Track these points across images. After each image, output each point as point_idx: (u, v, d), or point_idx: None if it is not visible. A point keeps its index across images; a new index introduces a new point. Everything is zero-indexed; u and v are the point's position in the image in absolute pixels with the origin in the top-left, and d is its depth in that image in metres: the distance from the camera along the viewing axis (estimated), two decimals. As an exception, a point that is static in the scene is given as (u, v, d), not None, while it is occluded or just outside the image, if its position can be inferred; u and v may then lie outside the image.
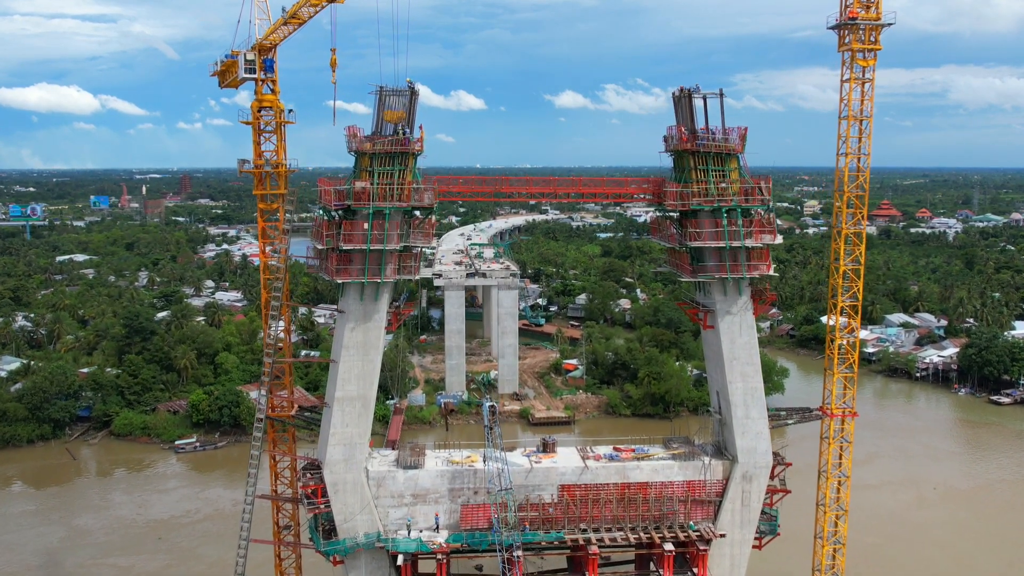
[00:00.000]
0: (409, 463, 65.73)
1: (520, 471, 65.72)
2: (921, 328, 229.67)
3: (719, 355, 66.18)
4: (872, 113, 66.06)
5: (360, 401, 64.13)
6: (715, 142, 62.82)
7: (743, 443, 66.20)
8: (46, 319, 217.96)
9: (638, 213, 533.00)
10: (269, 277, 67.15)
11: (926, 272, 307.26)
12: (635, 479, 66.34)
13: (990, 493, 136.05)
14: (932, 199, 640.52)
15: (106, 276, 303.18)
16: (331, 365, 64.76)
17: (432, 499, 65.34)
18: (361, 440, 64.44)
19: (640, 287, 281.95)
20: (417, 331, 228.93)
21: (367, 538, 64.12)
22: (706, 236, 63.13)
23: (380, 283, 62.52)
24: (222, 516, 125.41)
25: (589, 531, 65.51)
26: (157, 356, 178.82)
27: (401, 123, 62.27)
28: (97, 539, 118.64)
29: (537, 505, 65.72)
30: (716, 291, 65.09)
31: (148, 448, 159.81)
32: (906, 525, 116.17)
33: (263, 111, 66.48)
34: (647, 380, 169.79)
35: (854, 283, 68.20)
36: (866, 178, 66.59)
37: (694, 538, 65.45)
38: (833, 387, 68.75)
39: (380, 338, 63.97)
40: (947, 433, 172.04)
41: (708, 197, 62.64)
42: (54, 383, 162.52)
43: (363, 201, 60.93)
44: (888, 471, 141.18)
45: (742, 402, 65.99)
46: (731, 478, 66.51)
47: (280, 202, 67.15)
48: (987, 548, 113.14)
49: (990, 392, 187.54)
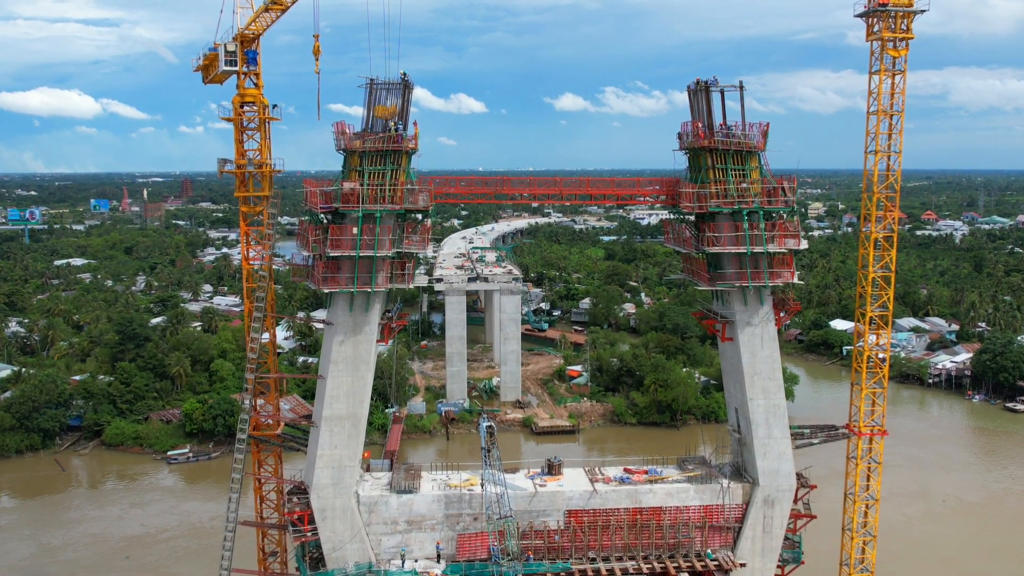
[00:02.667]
0: (403, 487, 60.85)
1: (524, 495, 60.82)
2: (932, 333, 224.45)
3: (738, 369, 61.22)
4: (904, 107, 61.14)
5: (350, 420, 59.26)
6: (735, 139, 57.88)
7: (765, 464, 61.26)
8: (40, 325, 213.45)
9: (642, 216, 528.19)
10: (253, 285, 62.33)
11: (934, 275, 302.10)
12: (648, 504, 61.43)
13: (1001, 506, 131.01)
14: (937, 201, 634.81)
15: (103, 280, 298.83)
16: (319, 382, 59.92)
17: (428, 526, 60.45)
18: (351, 463, 59.56)
19: (645, 291, 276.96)
20: (418, 337, 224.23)
21: (358, 569, 59.24)
22: (725, 241, 58.21)
23: (371, 292, 57.66)
24: (199, 533, 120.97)
25: (598, 560, 60.59)
26: (151, 363, 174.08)
27: (394, 119, 57.47)
28: (65, 556, 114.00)
29: (542, 532, 60.84)
30: (736, 300, 60.16)
31: (140, 459, 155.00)
32: (910, 541, 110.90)
33: (245, 107, 61.69)
34: (653, 387, 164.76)
35: (884, 291, 63.27)
36: (897, 178, 61.68)
37: (712, 568, 60.53)
38: (861, 404, 63.79)
39: (371, 352, 59.10)
40: (961, 442, 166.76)
41: (727, 198, 57.74)
42: (44, 392, 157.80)
43: (352, 203, 56.08)
44: (896, 482, 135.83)
45: (764, 420, 61.07)
46: (752, 502, 61.56)
47: (264, 205, 62.35)
48: (994, 565, 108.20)
49: (1005, 399, 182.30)
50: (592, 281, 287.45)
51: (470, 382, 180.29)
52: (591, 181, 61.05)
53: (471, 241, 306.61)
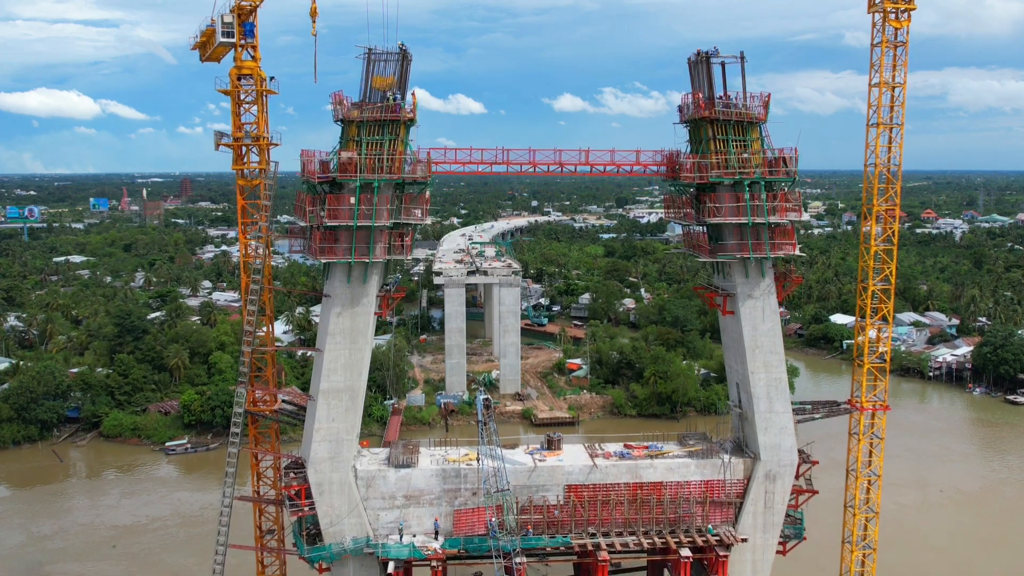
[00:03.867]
0: (401, 461, 60.27)
1: (523, 470, 60.26)
2: (932, 327, 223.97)
3: (740, 343, 60.68)
4: (906, 81, 60.64)
5: (347, 393, 58.69)
6: (735, 109, 57.39)
7: (766, 439, 60.70)
8: (38, 319, 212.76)
9: (641, 215, 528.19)
10: (249, 259, 61.75)
11: (934, 272, 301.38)
12: (648, 479, 60.84)
13: (998, 496, 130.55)
14: (936, 200, 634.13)
15: (102, 277, 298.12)
16: (316, 355, 59.39)
17: (426, 501, 59.86)
18: (349, 436, 58.99)
19: (644, 287, 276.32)
20: (416, 331, 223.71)
21: (355, 543, 58.62)
22: (726, 212, 57.68)
23: (369, 263, 57.11)
24: (190, 522, 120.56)
25: (598, 535, 59.99)
26: (149, 355, 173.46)
27: (392, 90, 56.94)
28: (54, 545, 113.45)
29: (541, 507, 60.26)
30: (737, 273, 59.62)
31: (138, 450, 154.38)
32: (904, 529, 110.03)
33: (243, 79, 61.14)
34: (653, 379, 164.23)
35: (886, 264, 62.74)
36: (900, 151, 61.16)
37: (713, 543, 59.91)
38: (863, 379, 63.23)
39: (369, 324, 58.54)
40: (961, 433, 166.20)
41: (728, 169, 57.20)
42: (41, 383, 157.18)
43: (350, 173, 55.55)
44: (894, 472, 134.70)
45: (765, 394, 60.51)
46: (753, 477, 60.99)
47: (261, 177, 61.79)
48: (987, 554, 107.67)
49: (1006, 391, 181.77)
50: (592, 277, 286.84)
51: (469, 375, 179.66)
52: (590, 152, 60.49)
53: (471, 238, 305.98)
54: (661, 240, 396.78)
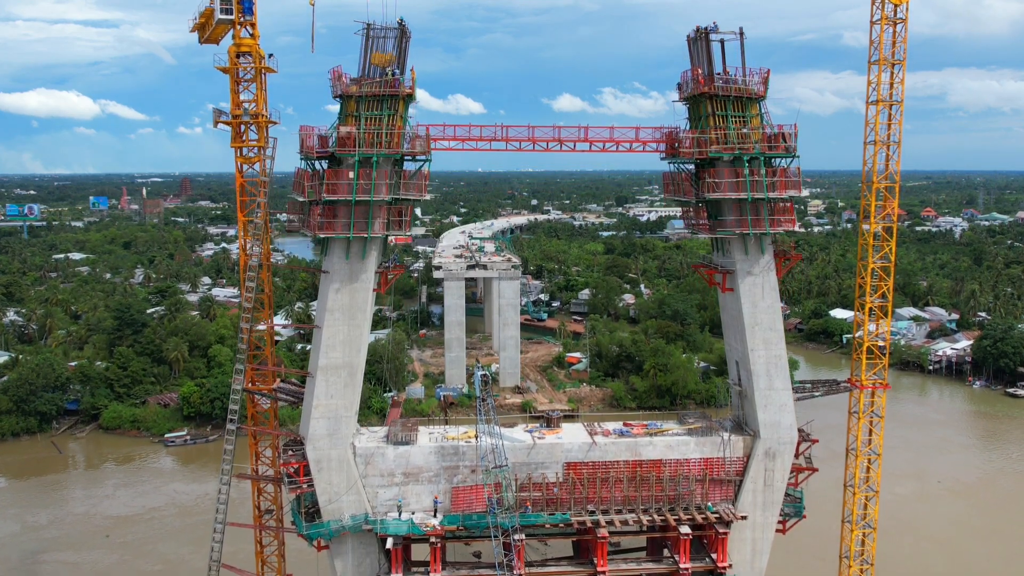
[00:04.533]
0: (400, 439, 60.12)
1: (522, 448, 60.11)
2: (932, 322, 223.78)
3: (739, 321, 60.53)
4: (905, 57, 60.55)
5: (346, 370, 58.53)
6: (734, 84, 57.28)
7: (766, 417, 60.55)
8: (37, 314, 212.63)
9: (641, 213, 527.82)
10: (248, 239, 61.61)
11: (934, 268, 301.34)
12: (648, 456, 60.69)
13: (995, 487, 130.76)
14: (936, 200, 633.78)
15: (102, 274, 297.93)
16: (314, 331, 59.22)
17: (425, 478, 59.68)
18: (347, 413, 58.83)
19: (644, 283, 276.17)
20: (416, 326, 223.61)
21: (354, 520, 58.46)
22: (725, 187, 57.52)
23: (367, 239, 56.94)
24: (185, 512, 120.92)
25: (597, 513, 59.82)
26: (148, 348, 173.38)
27: (390, 66, 56.83)
28: (48, 534, 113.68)
29: (540, 485, 60.09)
30: (736, 249, 59.49)
31: (137, 442, 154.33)
32: (901, 520, 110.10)
33: (241, 57, 61.06)
34: (653, 372, 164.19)
35: (885, 242, 62.64)
36: (899, 124, 61.05)
37: (712, 520, 59.73)
38: (863, 356, 63.09)
39: (368, 300, 58.38)
40: (960, 425, 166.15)
41: (728, 144, 57.07)
42: (41, 375, 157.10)
43: (348, 147, 55.41)
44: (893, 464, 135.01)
45: (764, 371, 60.36)
46: (752, 455, 60.83)
47: (260, 155, 61.70)
48: (983, 543, 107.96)
49: (1006, 384, 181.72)
50: (592, 274, 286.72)
51: (468, 368, 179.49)
52: (589, 129, 60.44)
53: (470, 235, 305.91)
54: (661, 238, 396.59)
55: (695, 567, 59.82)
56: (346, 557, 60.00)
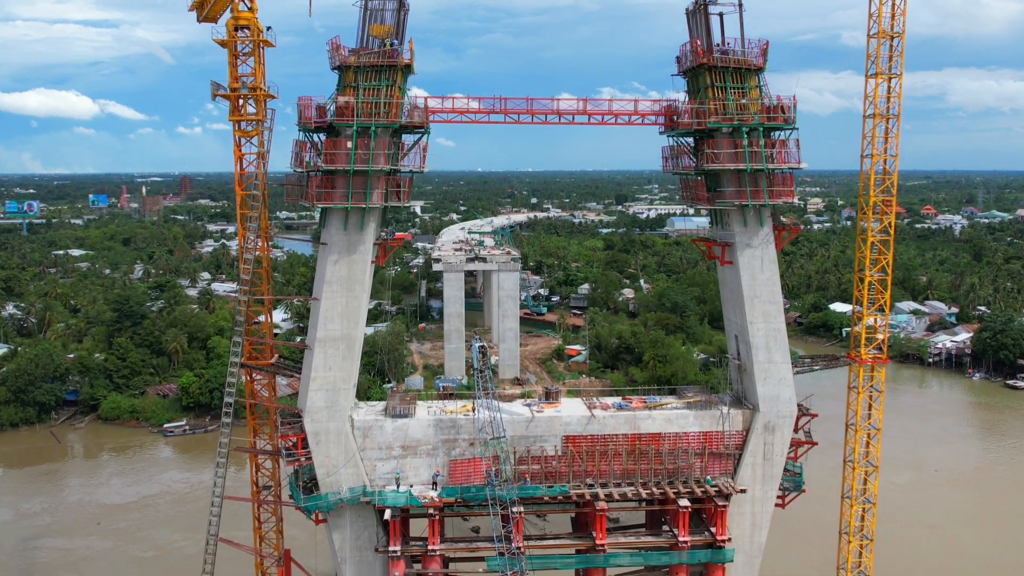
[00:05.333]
0: (398, 412, 59.98)
1: (520, 420, 59.97)
2: (932, 315, 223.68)
3: (738, 294, 60.38)
4: (904, 30, 60.43)
5: (344, 342, 58.37)
6: (733, 56, 57.17)
7: (765, 390, 60.40)
8: (36, 307, 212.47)
9: (641, 211, 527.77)
10: (246, 212, 61.44)
11: (934, 264, 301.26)
12: (646, 430, 60.52)
13: (991, 475, 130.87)
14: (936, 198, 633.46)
15: (101, 269, 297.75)
16: (312, 304, 59.09)
17: (424, 451, 59.53)
18: (345, 385, 58.65)
19: (644, 278, 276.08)
20: (416, 320, 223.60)
21: (352, 492, 58.27)
22: (724, 158, 57.36)
23: (366, 210, 56.79)
24: (179, 500, 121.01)
25: (596, 486, 59.66)
26: (147, 340, 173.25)
27: (389, 38, 56.72)
28: (40, 521, 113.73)
29: (539, 458, 59.93)
30: (735, 221, 59.35)
31: (136, 432, 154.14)
32: (896, 507, 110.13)
33: (239, 30, 60.88)
34: (652, 363, 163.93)
35: (885, 215, 62.52)
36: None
37: (712, 494, 59.55)
38: (863, 330, 62.97)
39: (366, 272, 58.22)
40: (960, 416, 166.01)
41: (727, 115, 56.94)
42: (40, 365, 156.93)
43: (347, 117, 55.29)
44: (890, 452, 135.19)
45: (764, 345, 60.22)
46: (752, 429, 60.67)
47: (259, 128, 61.54)
48: (977, 530, 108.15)
49: (1006, 376, 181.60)
50: (591, 270, 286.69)
51: (468, 360, 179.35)
52: (588, 102, 60.25)
53: (469, 231, 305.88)
54: (661, 235, 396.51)
55: (694, 540, 59.65)
56: (344, 530, 59.85)
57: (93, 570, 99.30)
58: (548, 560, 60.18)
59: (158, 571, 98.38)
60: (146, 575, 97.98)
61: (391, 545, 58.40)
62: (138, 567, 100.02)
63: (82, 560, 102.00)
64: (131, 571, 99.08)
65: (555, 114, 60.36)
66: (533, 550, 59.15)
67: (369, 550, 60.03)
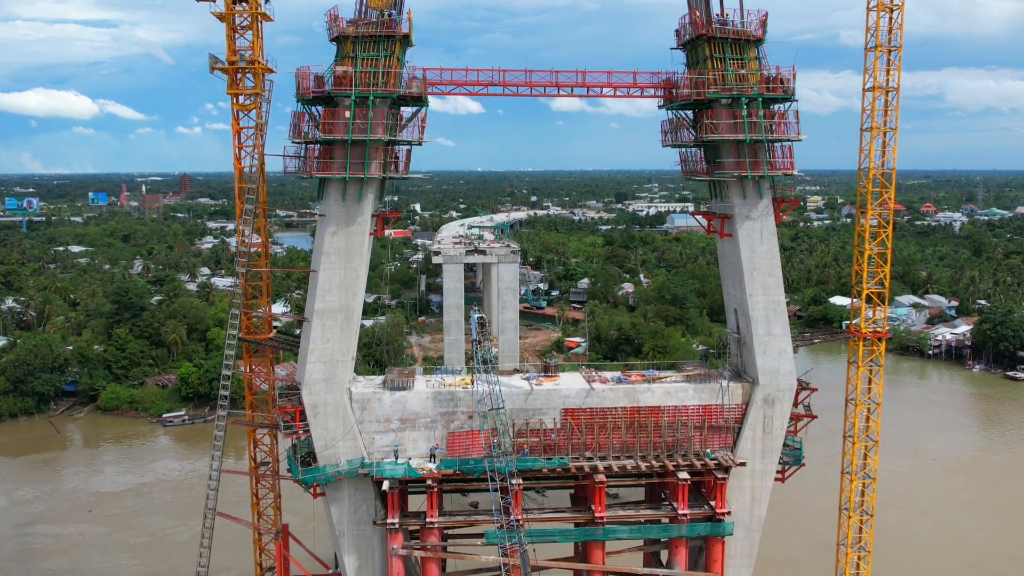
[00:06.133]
0: (397, 384, 59.79)
1: (519, 393, 59.83)
2: (932, 309, 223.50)
3: (737, 267, 60.21)
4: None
5: (342, 314, 58.19)
6: (732, 26, 57.02)
7: (764, 363, 60.21)
8: (36, 300, 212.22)
9: (640, 208, 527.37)
10: (244, 186, 61.30)
11: (933, 260, 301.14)
12: (646, 403, 60.33)
13: (988, 464, 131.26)
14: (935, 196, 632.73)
15: (101, 265, 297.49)
16: (311, 276, 58.90)
17: (422, 424, 59.34)
18: (344, 357, 58.46)
19: (644, 273, 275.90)
20: (415, 313, 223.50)
21: (350, 464, 58.06)
22: (723, 128, 57.17)
23: (364, 180, 56.63)
24: (173, 487, 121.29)
25: (595, 459, 59.47)
26: (146, 332, 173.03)
27: (387, 8, 56.55)
28: (34, 508, 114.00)
29: (538, 431, 59.74)
30: (734, 193, 59.17)
31: (135, 422, 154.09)
32: (892, 493, 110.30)
33: (237, 3, 60.73)
34: (652, 354, 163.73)
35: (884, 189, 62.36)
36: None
37: (711, 466, 59.34)
38: (862, 304, 62.81)
39: (365, 243, 58.04)
40: (959, 407, 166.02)
41: (726, 86, 56.78)
42: (39, 356, 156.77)
43: (345, 87, 55.13)
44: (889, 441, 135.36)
45: (763, 317, 60.05)
46: (751, 402, 60.46)
47: (256, 103, 61.40)
48: (971, 516, 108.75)
49: (1006, 368, 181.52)
50: (591, 265, 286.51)
51: (467, 352, 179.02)
52: (587, 74, 60.10)
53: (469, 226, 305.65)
54: (660, 232, 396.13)
55: (694, 513, 59.44)
56: (342, 503, 59.65)
57: (84, 556, 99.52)
58: (547, 533, 60.00)
59: (149, 556, 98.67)
60: (137, 560, 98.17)
61: (389, 518, 58.18)
62: (130, 552, 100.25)
63: (74, 546, 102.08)
64: (123, 556, 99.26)
65: (554, 86, 60.20)
66: (532, 523, 58.95)
67: (367, 524, 59.85)
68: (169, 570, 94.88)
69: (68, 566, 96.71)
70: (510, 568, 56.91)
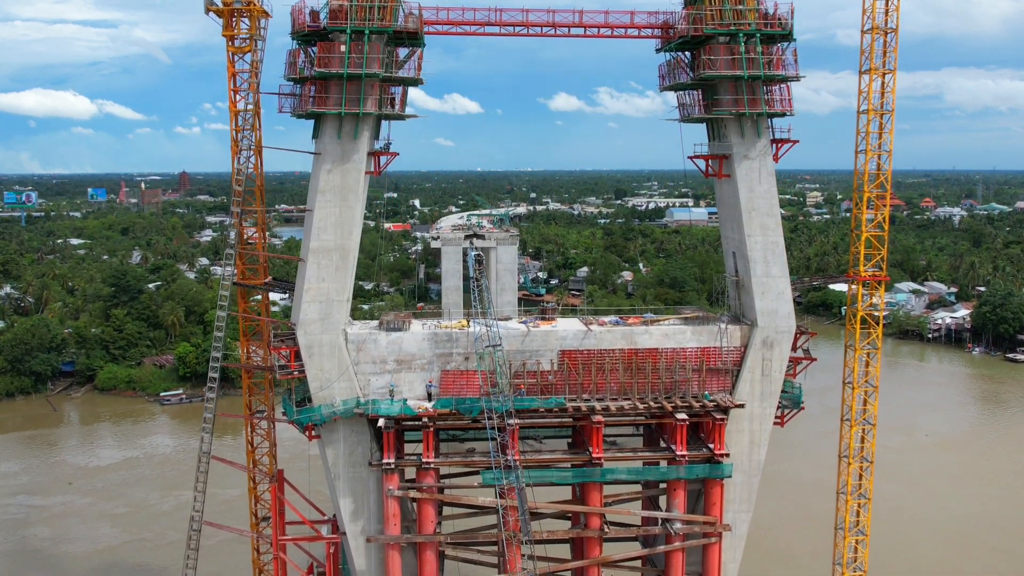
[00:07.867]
0: (393, 326, 59.36)
1: (516, 335, 59.39)
2: (931, 295, 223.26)
3: (736, 207, 59.79)
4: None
5: (338, 252, 57.77)
6: (731, -38, 56.61)
7: (763, 304, 59.80)
8: (34, 286, 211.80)
9: (640, 203, 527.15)
10: (240, 130, 60.81)
11: (933, 251, 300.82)
12: (644, 345, 59.88)
13: (980, 439, 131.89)
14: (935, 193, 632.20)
15: (99, 255, 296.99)
16: (306, 215, 58.50)
17: (418, 365, 58.90)
18: (339, 297, 58.04)
19: (643, 262, 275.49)
20: (414, 300, 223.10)
21: (345, 404, 57.62)
22: (721, 65, 56.77)
23: (359, 117, 56.23)
24: (159, 462, 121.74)
25: (593, 400, 59.04)
26: (144, 314, 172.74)
27: (384, -54, 56.12)
28: (16, 481, 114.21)
29: (535, 372, 59.30)
30: (732, 132, 58.77)
31: (133, 401, 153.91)
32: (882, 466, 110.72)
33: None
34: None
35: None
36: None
37: (710, 408, 58.90)
38: (861, 248, 62.43)
39: (360, 182, 57.64)
40: (958, 387, 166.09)
41: (723, 21, 56.39)
42: (36, 335, 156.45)
43: (340, 20, 54.74)
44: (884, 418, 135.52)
45: (762, 258, 59.65)
46: (750, 344, 60.02)
47: (252, 45, 60.93)
48: (958, 487, 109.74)
49: (1005, 350, 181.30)
50: (590, 255, 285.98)
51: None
52: (584, 13, 59.72)
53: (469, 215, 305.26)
54: (660, 225, 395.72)
55: (692, 455, 58.96)
56: (338, 445, 59.21)
57: (65, 525, 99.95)
58: (544, 473, 59.58)
59: (129, 525, 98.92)
60: (116, 528, 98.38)
61: (385, 458, 57.72)
62: (110, 521, 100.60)
63: (55, 516, 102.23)
64: (102, 525, 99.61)
65: (551, 26, 59.83)
66: (529, 466, 58.50)
67: (363, 465, 59.39)
68: (153, 537, 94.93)
69: (49, 534, 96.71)
70: (507, 509, 56.50)
